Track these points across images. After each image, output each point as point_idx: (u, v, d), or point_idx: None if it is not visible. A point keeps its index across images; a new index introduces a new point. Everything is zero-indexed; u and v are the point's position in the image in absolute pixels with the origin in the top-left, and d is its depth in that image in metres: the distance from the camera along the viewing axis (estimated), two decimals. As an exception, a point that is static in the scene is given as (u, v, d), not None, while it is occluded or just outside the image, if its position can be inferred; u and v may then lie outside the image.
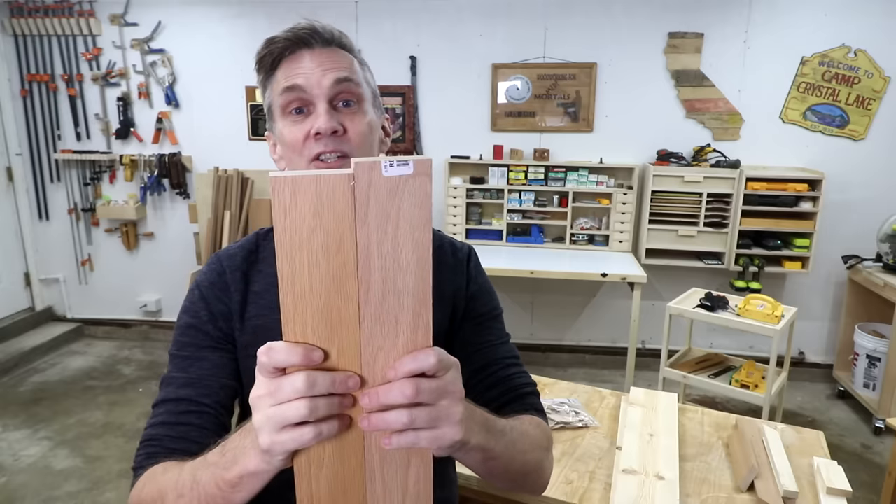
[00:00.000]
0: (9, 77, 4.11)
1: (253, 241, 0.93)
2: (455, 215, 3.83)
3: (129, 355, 4.15)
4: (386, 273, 0.51)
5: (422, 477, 0.58)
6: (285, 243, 0.49)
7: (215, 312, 0.86)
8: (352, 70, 0.84)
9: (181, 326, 0.87)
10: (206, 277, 0.89)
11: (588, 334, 4.07)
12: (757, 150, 3.63)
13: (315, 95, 0.80)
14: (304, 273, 0.50)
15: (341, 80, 0.81)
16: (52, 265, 4.45)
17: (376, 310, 0.52)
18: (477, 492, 1.42)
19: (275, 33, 0.83)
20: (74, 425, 3.18)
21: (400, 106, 3.90)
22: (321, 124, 0.79)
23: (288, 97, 0.81)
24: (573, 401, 1.75)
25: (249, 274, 0.89)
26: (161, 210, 4.27)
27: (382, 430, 0.54)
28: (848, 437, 3.14)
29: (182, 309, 0.89)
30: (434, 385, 0.54)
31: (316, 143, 0.79)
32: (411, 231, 0.50)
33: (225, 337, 0.86)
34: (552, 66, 3.72)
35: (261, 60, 0.84)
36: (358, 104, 0.83)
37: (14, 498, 2.59)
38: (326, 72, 0.80)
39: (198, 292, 0.88)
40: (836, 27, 3.45)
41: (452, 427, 0.56)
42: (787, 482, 1.33)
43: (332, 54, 0.83)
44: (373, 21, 3.80)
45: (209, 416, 0.81)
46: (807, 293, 3.75)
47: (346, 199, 0.49)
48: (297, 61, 0.82)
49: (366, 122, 0.83)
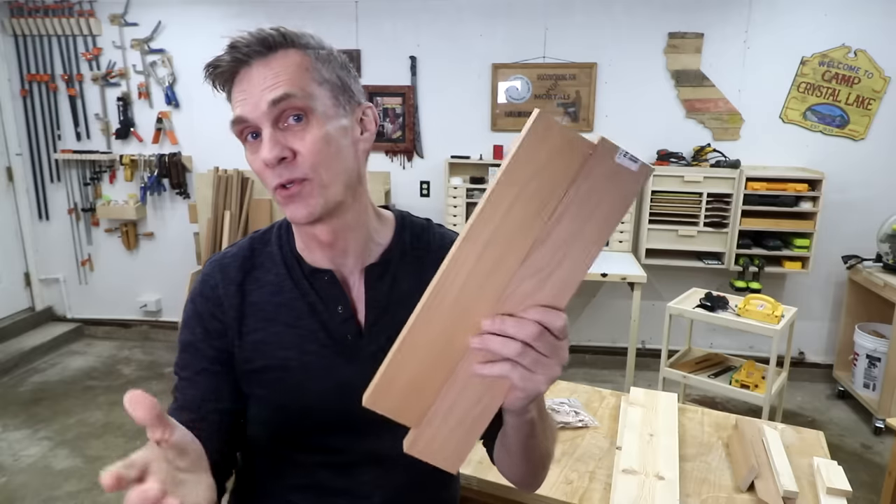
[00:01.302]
0: (9, 77, 4.11)
1: (248, 247, 0.90)
2: (455, 215, 3.83)
3: (129, 355, 4.15)
4: (567, 235, 0.55)
5: (481, 417, 0.62)
6: (512, 171, 0.53)
7: (210, 329, 0.85)
8: (293, 79, 0.74)
9: (181, 343, 0.88)
10: (201, 290, 0.87)
11: (588, 334, 4.07)
12: (757, 150, 3.63)
13: (258, 120, 0.73)
14: (504, 203, 0.54)
15: (277, 99, 0.72)
16: (52, 265, 4.45)
17: (542, 257, 0.56)
18: (477, 492, 1.42)
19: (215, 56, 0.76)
20: (74, 425, 3.18)
21: (400, 106, 3.90)
22: (264, 155, 0.73)
23: (238, 128, 0.76)
24: (573, 401, 1.75)
25: (245, 284, 0.86)
26: (161, 210, 4.27)
27: (487, 351, 0.57)
28: (848, 437, 3.14)
29: (181, 321, 0.89)
30: (552, 341, 0.58)
31: (270, 171, 0.75)
32: (605, 216, 0.55)
33: (219, 356, 0.85)
34: (552, 66, 3.72)
35: (213, 83, 0.78)
36: (307, 117, 0.75)
37: (14, 498, 2.59)
38: (263, 92, 0.73)
39: (192, 307, 0.87)
40: (836, 27, 3.45)
41: (545, 382, 0.59)
42: (787, 482, 1.33)
43: (271, 66, 0.74)
44: (373, 21, 3.80)
45: (205, 430, 0.82)
46: (807, 293, 3.75)
47: (577, 162, 0.53)
48: (242, 82, 0.75)
49: (320, 137, 0.74)
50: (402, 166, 4.00)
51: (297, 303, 0.85)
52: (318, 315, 0.84)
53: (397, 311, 0.85)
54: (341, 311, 0.85)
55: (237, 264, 0.87)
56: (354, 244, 0.85)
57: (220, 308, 0.85)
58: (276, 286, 0.86)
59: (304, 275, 0.86)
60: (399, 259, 0.88)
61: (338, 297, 0.85)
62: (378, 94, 3.90)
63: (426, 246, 0.91)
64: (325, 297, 0.85)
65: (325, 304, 0.85)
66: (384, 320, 0.86)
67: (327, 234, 0.82)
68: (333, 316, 0.84)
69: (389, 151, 3.98)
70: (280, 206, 0.79)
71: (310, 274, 0.85)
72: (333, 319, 0.84)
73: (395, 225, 0.91)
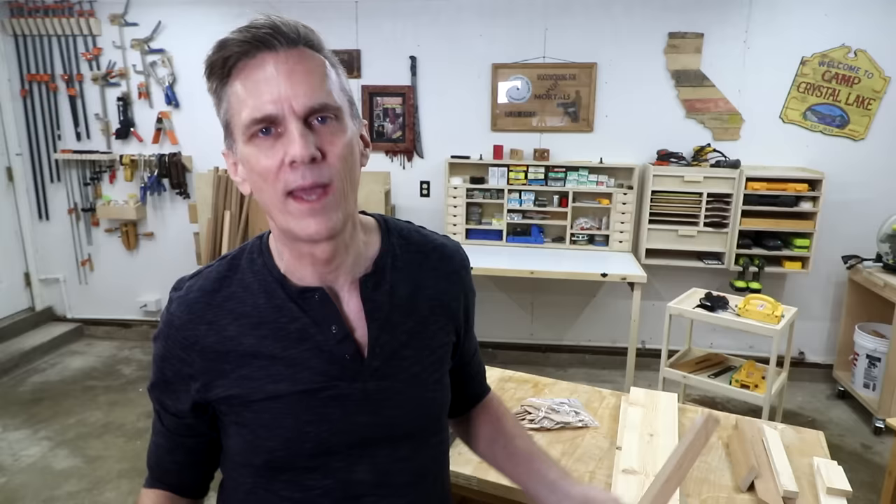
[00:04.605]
0: (9, 77, 4.11)
1: (215, 279, 0.80)
2: (455, 215, 3.83)
3: (129, 355, 4.15)
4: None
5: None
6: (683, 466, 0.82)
7: (183, 371, 0.79)
8: (327, 80, 0.70)
9: (153, 395, 0.85)
10: (167, 333, 0.80)
11: (588, 334, 4.07)
12: (757, 150, 3.63)
13: (286, 116, 0.67)
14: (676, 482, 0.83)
15: (317, 108, 0.68)
16: (52, 265, 4.45)
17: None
18: (477, 492, 1.42)
19: (224, 35, 0.69)
20: (74, 425, 3.18)
21: (400, 106, 3.90)
22: (296, 151, 0.66)
23: (258, 128, 0.69)
24: (573, 401, 1.75)
25: (217, 320, 0.78)
26: (161, 210, 4.27)
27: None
28: (848, 437, 3.14)
29: (152, 366, 0.84)
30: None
31: (292, 172, 0.67)
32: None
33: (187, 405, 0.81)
34: (552, 66, 3.72)
35: (211, 66, 0.70)
36: (337, 120, 0.70)
37: (14, 498, 2.59)
38: (298, 87, 0.67)
39: (159, 348, 0.81)
40: (836, 27, 3.45)
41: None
42: (787, 482, 1.33)
43: (302, 60, 0.69)
44: (373, 21, 3.80)
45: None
46: (807, 293, 3.75)
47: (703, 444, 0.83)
48: (258, 69, 0.68)
49: (346, 142, 0.71)
50: (402, 166, 4.00)
51: (282, 332, 0.77)
52: (310, 339, 0.77)
53: (400, 321, 0.82)
54: (335, 330, 0.77)
55: (205, 300, 0.78)
56: (346, 258, 0.79)
57: (190, 350, 0.78)
58: (256, 318, 0.78)
59: (291, 297, 0.77)
60: (392, 265, 0.83)
61: (331, 315, 0.78)
62: (378, 94, 3.90)
63: (418, 249, 0.87)
64: (317, 317, 0.77)
65: (317, 326, 0.77)
66: (387, 331, 0.80)
67: (328, 252, 0.75)
68: (328, 337, 0.77)
69: (389, 151, 3.98)
70: (286, 219, 0.70)
71: (297, 295, 0.77)
72: (328, 341, 0.77)
73: (379, 231, 0.86)
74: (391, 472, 0.81)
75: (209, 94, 0.74)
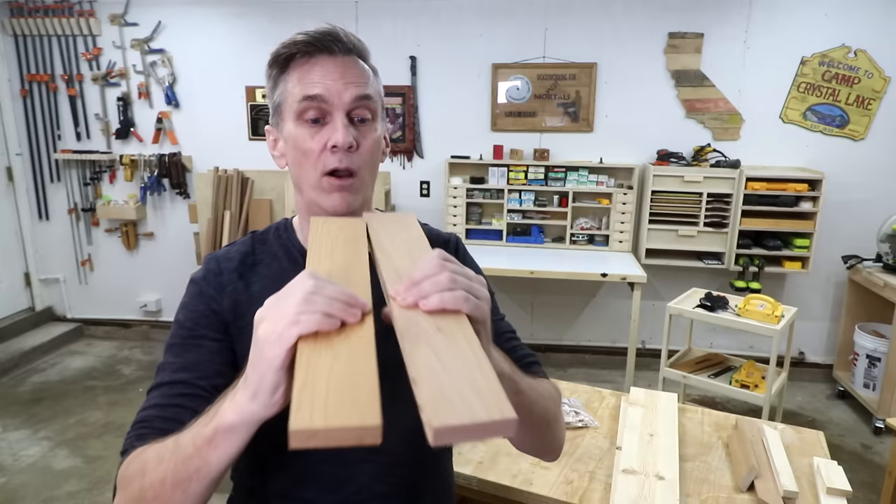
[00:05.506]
0: (9, 77, 4.11)
1: (249, 244, 0.92)
2: (455, 215, 3.83)
3: (129, 355, 4.15)
4: None
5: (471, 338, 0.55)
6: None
7: (213, 307, 0.86)
8: (370, 85, 0.85)
9: (179, 320, 0.87)
10: (203, 275, 0.89)
11: (588, 334, 4.07)
12: (757, 150, 3.63)
13: (334, 106, 0.81)
14: None
15: (361, 97, 0.82)
16: (52, 265, 4.45)
17: None
18: (477, 492, 1.42)
19: (293, 35, 0.83)
20: (74, 425, 3.18)
21: (400, 106, 3.90)
22: (339, 138, 0.80)
23: (307, 105, 0.81)
24: (573, 401, 1.75)
25: (247, 276, 0.88)
26: (161, 210, 4.27)
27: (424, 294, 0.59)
28: (848, 437, 3.14)
29: (180, 304, 0.89)
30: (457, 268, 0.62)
31: (332, 155, 0.81)
32: None
33: (222, 328, 0.85)
34: (552, 66, 3.72)
35: (276, 57, 0.84)
36: (372, 121, 0.85)
37: (14, 498, 2.59)
38: (348, 85, 0.82)
39: (195, 287, 0.87)
40: (836, 27, 3.45)
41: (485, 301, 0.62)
42: (787, 482, 1.33)
43: (353, 65, 0.84)
44: (373, 21, 3.80)
45: (203, 399, 0.78)
46: (807, 293, 3.75)
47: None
48: (316, 65, 0.82)
49: (376, 139, 0.86)
50: (402, 166, 4.00)
51: None
52: None
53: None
54: None
55: (239, 258, 0.89)
56: None
57: (222, 292, 0.86)
58: (280, 278, 0.81)
59: None
60: None
61: None
62: (378, 94, 3.89)
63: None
64: None
65: None
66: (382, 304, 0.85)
67: None
68: None
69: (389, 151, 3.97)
70: (317, 194, 0.83)
71: None
72: None
73: None
74: (392, 441, 0.82)
75: (266, 79, 0.87)
